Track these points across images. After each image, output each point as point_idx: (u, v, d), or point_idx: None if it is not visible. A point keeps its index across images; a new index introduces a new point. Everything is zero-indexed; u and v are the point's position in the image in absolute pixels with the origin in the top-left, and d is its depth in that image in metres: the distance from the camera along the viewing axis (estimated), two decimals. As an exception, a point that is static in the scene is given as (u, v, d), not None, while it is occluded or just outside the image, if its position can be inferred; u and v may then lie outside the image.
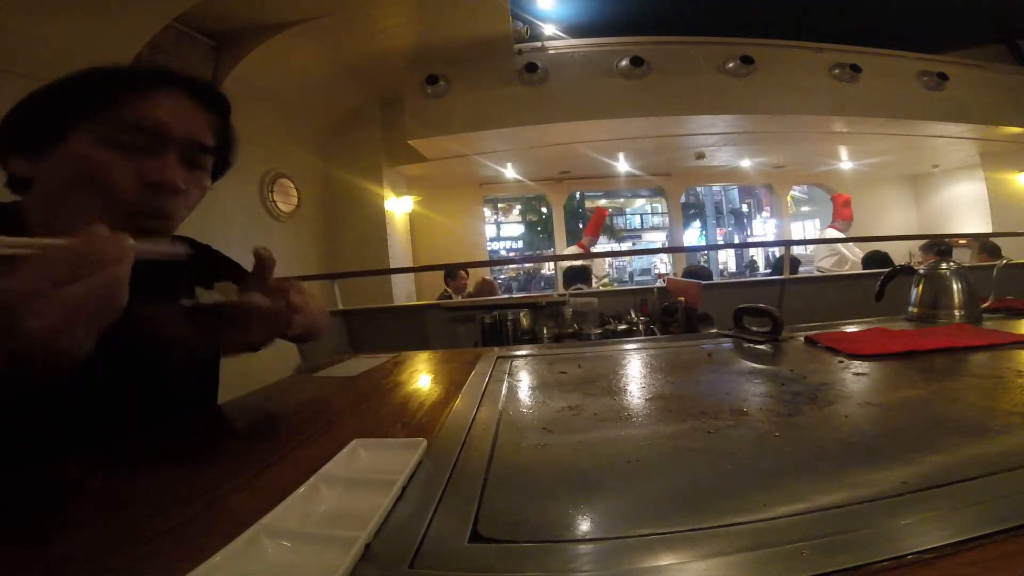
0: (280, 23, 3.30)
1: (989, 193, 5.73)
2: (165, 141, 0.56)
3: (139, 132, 0.54)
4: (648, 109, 4.10)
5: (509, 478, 0.41)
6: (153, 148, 0.55)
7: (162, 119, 0.56)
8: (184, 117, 0.58)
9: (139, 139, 0.54)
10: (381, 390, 0.78)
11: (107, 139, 0.53)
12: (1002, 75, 4.67)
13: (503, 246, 11.20)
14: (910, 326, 1.00)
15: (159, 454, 0.50)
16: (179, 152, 0.57)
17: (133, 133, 0.54)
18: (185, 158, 0.58)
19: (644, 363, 0.83)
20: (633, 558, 0.28)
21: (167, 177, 0.55)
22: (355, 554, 0.29)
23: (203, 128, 0.61)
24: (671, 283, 2.55)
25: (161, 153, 0.56)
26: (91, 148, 0.53)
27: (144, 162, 0.55)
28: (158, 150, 0.56)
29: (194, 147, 0.59)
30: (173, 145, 0.57)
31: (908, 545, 0.27)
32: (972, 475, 0.35)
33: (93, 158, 0.53)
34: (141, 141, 0.55)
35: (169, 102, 0.57)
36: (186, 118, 0.58)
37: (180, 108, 0.58)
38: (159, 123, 0.55)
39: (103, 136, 0.53)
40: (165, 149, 0.56)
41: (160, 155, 0.56)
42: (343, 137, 4.81)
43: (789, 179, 7.15)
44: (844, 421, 0.49)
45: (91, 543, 0.33)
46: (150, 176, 0.55)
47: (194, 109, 0.60)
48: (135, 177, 0.54)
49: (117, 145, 0.53)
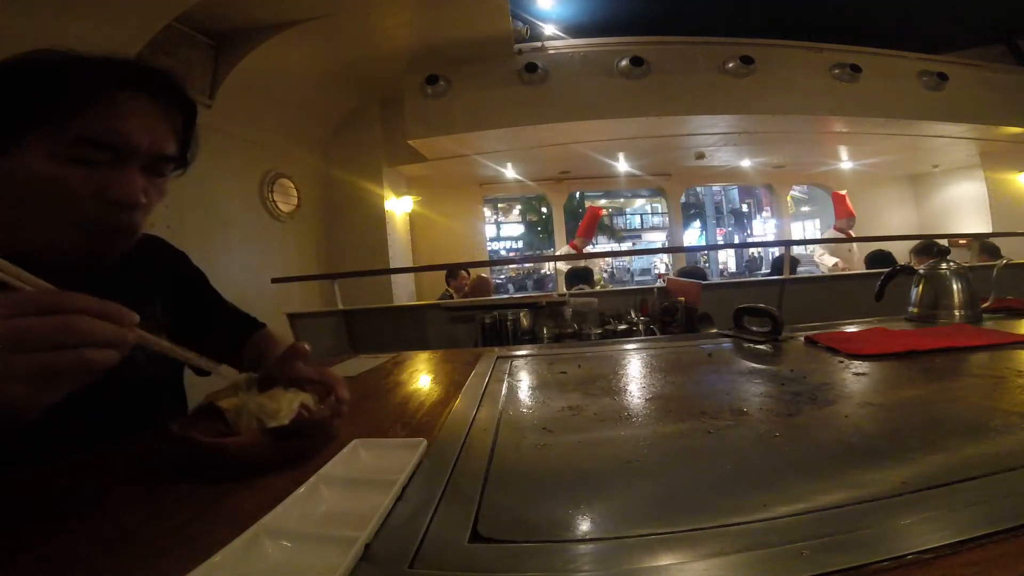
0: (280, 23, 3.30)
1: (989, 193, 5.73)
2: (128, 155, 0.52)
3: (99, 148, 0.50)
4: (648, 109, 4.10)
5: (509, 478, 0.41)
6: (114, 161, 0.51)
7: (124, 131, 0.51)
8: (148, 125, 0.53)
9: (102, 154, 0.50)
10: (381, 390, 0.78)
11: (63, 155, 0.48)
12: (1002, 75, 4.66)
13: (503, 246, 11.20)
14: (910, 326, 1.00)
15: (159, 455, 0.50)
16: (140, 162, 0.53)
17: (94, 149, 0.49)
18: (146, 167, 0.54)
19: (644, 363, 0.83)
20: (633, 558, 0.28)
21: (129, 194, 0.51)
22: (355, 554, 0.29)
23: (167, 136, 0.56)
24: (671, 283, 2.55)
25: (123, 165, 0.51)
26: (45, 163, 0.48)
27: (104, 176, 0.50)
28: (119, 163, 0.51)
29: (157, 158, 0.55)
30: (135, 158, 0.52)
31: (908, 545, 0.27)
32: (972, 475, 0.35)
33: (47, 175, 0.48)
34: (104, 157, 0.50)
35: (132, 108, 0.52)
36: (150, 126, 0.53)
37: (144, 114, 0.53)
38: (121, 137, 0.50)
39: (58, 152, 0.48)
40: (127, 162, 0.52)
41: (121, 168, 0.51)
42: (343, 137, 4.81)
43: (789, 179, 7.15)
44: (844, 421, 0.49)
45: (91, 544, 0.33)
46: (111, 193, 0.50)
47: (158, 113, 0.54)
48: (94, 192, 0.50)
49: (74, 161, 0.49)
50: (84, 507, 0.40)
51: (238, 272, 3.51)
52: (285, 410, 0.47)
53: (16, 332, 0.31)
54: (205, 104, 3.31)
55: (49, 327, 0.31)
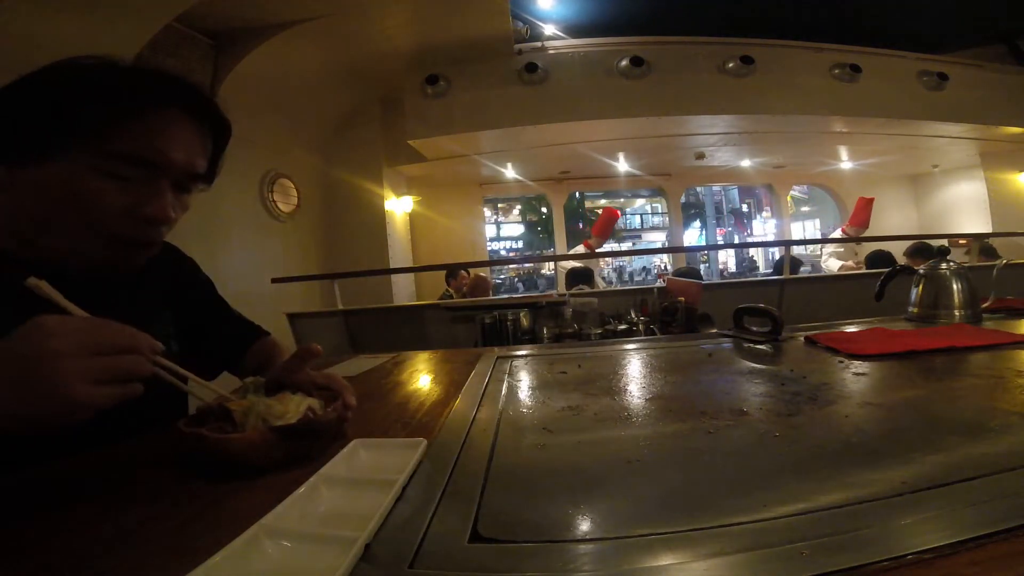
0: (280, 23, 3.30)
1: (989, 193, 5.73)
2: (162, 172, 0.53)
3: (139, 166, 0.51)
4: (648, 109, 4.10)
5: (509, 478, 0.41)
6: (149, 179, 0.53)
7: (162, 149, 0.52)
8: (183, 143, 0.54)
9: (138, 171, 0.51)
10: (381, 390, 0.78)
11: (100, 168, 0.50)
12: (1002, 75, 4.66)
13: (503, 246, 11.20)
14: (910, 326, 1.00)
15: (159, 455, 0.50)
16: (172, 180, 0.55)
17: (131, 166, 0.51)
18: (176, 182, 0.56)
19: (644, 363, 0.83)
20: (633, 558, 0.28)
21: (160, 210, 0.53)
22: (355, 554, 0.29)
23: (200, 154, 0.57)
24: (671, 283, 2.55)
25: (155, 183, 0.53)
26: (81, 176, 0.49)
27: (136, 191, 0.52)
28: (154, 181, 0.53)
29: (189, 175, 0.56)
30: (169, 175, 0.54)
31: (908, 545, 0.27)
32: (972, 475, 0.35)
33: (85, 187, 0.49)
34: (140, 174, 0.52)
35: (171, 125, 0.53)
36: (185, 144, 0.55)
37: (181, 131, 0.54)
38: (159, 155, 0.52)
39: (98, 166, 0.50)
40: (160, 179, 0.53)
41: (153, 184, 0.53)
42: (343, 137, 4.81)
43: (789, 179, 7.15)
44: (844, 421, 0.49)
45: (91, 544, 0.33)
46: (143, 210, 0.52)
47: (194, 131, 0.56)
48: (126, 208, 0.51)
49: (111, 175, 0.50)
50: (84, 507, 0.40)
51: (238, 272, 3.51)
52: (292, 412, 0.48)
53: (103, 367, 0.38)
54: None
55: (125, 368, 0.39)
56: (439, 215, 6.08)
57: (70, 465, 0.49)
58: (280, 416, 0.47)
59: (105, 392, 0.38)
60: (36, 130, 0.49)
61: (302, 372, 0.56)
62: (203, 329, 0.76)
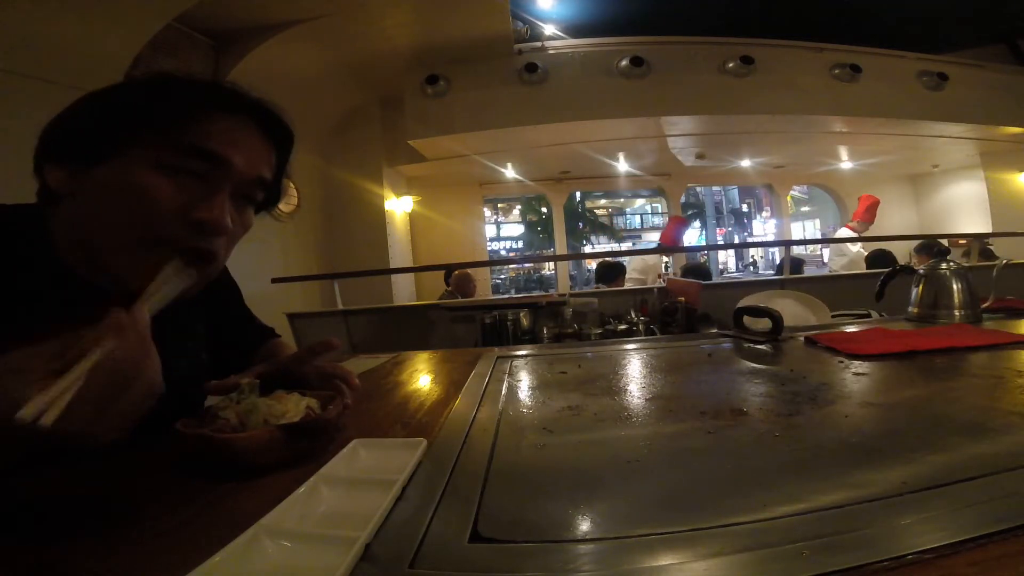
0: (280, 23, 3.30)
1: (989, 193, 5.73)
2: (224, 175, 0.50)
3: (200, 159, 0.48)
4: (648, 109, 4.10)
5: (509, 478, 0.41)
6: (209, 179, 0.49)
7: (227, 151, 0.49)
8: (249, 150, 0.52)
9: (199, 166, 0.48)
10: (381, 390, 0.78)
11: (165, 163, 0.47)
12: (1002, 75, 4.67)
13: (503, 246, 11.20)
14: (910, 326, 1.00)
15: (158, 455, 0.50)
16: (234, 187, 0.51)
17: (194, 159, 0.48)
18: (238, 194, 0.52)
19: (644, 363, 0.83)
20: (633, 558, 0.28)
21: (215, 217, 0.48)
22: (355, 554, 0.29)
23: (265, 162, 0.54)
24: (671, 283, 2.55)
25: (215, 187, 0.49)
26: (144, 171, 0.47)
27: (192, 193, 0.48)
28: (213, 183, 0.49)
29: (252, 184, 0.53)
30: (230, 180, 0.50)
31: (908, 545, 0.27)
32: (972, 475, 0.35)
33: (139, 180, 0.47)
34: (200, 168, 0.49)
35: (237, 131, 0.51)
36: (250, 151, 0.52)
37: (247, 139, 0.52)
38: (223, 154, 0.49)
39: (160, 159, 0.47)
40: (221, 183, 0.50)
41: (213, 189, 0.49)
42: (343, 137, 4.81)
43: (789, 179, 7.16)
44: (844, 421, 0.49)
45: (91, 544, 0.33)
46: (197, 213, 0.48)
47: (260, 141, 0.54)
48: (180, 208, 0.47)
49: (173, 169, 0.47)
50: (84, 508, 0.40)
51: (238, 272, 3.45)
52: (292, 412, 0.48)
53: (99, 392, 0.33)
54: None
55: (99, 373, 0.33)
56: (439, 215, 6.08)
57: (70, 466, 0.48)
58: (281, 415, 0.47)
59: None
60: (104, 128, 0.48)
61: (309, 364, 0.56)
62: (230, 333, 0.76)
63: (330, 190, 4.86)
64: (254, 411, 0.46)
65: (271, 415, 0.47)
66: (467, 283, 3.53)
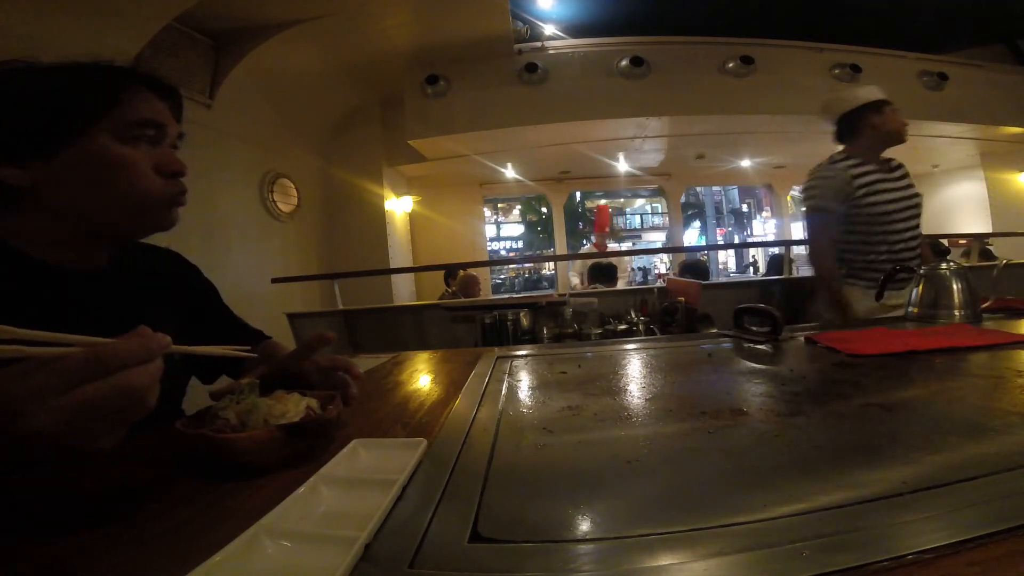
0: (280, 23, 3.30)
1: (989, 193, 5.73)
2: (164, 135, 0.61)
3: (149, 127, 0.59)
4: (648, 109, 4.10)
5: (509, 478, 0.41)
6: (158, 141, 0.60)
7: (163, 118, 0.61)
8: (167, 112, 0.63)
9: (149, 133, 0.59)
10: (381, 390, 0.78)
11: (123, 135, 0.57)
12: (1002, 75, 4.67)
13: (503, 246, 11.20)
14: (910, 326, 1.00)
15: (159, 456, 0.50)
16: (171, 141, 0.63)
17: (145, 128, 0.58)
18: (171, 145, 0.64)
19: (644, 363, 0.83)
20: (633, 558, 0.28)
21: (179, 163, 0.61)
22: (355, 554, 0.29)
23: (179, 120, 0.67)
24: (671, 283, 2.55)
25: (162, 143, 0.61)
26: (114, 145, 0.56)
27: (155, 153, 0.60)
28: (160, 141, 0.61)
29: (177, 137, 0.65)
30: (167, 136, 0.62)
31: (908, 545, 0.27)
32: (972, 475, 0.35)
33: (120, 154, 0.56)
34: (150, 135, 0.59)
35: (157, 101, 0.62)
36: (168, 113, 0.63)
37: (159, 102, 0.63)
38: (163, 121, 0.60)
39: (119, 133, 0.56)
40: (163, 141, 0.61)
41: (162, 146, 0.61)
42: (343, 137, 4.81)
43: (789, 179, 7.15)
44: (844, 421, 0.49)
45: (91, 544, 0.33)
46: (168, 166, 0.60)
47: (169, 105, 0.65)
48: (154, 167, 0.59)
49: (132, 140, 0.57)
50: (84, 508, 0.40)
51: (238, 272, 3.51)
52: (292, 411, 0.48)
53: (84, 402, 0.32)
54: (205, 104, 3.31)
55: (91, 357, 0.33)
56: (439, 215, 6.08)
57: (70, 466, 0.48)
58: (281, 415, 0.47)
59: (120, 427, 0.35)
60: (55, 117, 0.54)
61: (308, 360, 0.60)
62: (207, 333, 0.77)
63: (330, 190, 4.86)
64: (254, 411, 0.46)
65: (271, 415, 0.47)
66: (472, 285, 3.52)
